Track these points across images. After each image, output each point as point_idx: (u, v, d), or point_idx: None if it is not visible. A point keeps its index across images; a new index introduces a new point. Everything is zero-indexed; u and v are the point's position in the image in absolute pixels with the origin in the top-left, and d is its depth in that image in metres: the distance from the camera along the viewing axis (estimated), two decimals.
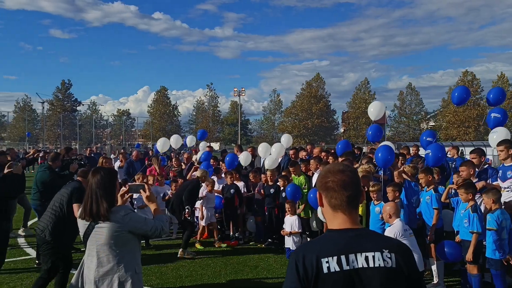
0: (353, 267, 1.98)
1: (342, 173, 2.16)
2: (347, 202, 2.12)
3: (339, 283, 1.96)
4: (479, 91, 74.27)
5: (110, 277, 3.45)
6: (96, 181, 3.53)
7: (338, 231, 2.12)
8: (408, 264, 2.05)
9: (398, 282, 2.00)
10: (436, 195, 6.78)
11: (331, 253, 2.00)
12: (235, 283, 7.14)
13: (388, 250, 2.04)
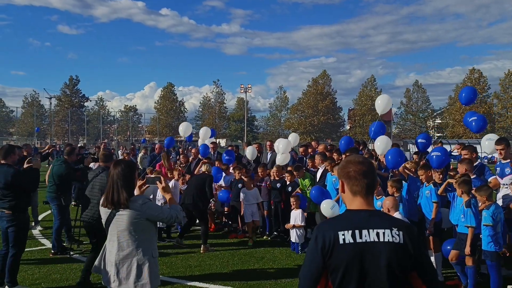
0: (365, 241, 2.31)
1: (362, 164, 2.51)
2: (366, 188, 2.47)
3: (352, 253, 2.29)
4: (486, 88, 74.15)
5: (129, 260, 3.78)
6: (117, 173, 3.86)
7: (354, 211, 2.46)
8: (414, 243, 2.36)
9: (403, 256, 2.32)
10: (435, 189, 7.07)
11: (347, 227, 2.34)
12: (242, 272, 7.47)
13: (397, 229, 2.36)
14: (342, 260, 2.29)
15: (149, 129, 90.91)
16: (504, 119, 72.02)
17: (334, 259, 2.30)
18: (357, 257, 2.29)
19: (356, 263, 2.29)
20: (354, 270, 2.29)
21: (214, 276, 7.25)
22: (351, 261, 2.29)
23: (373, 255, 2.30)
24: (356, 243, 2.31)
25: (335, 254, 2.30)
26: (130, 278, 3.75)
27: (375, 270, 2.29)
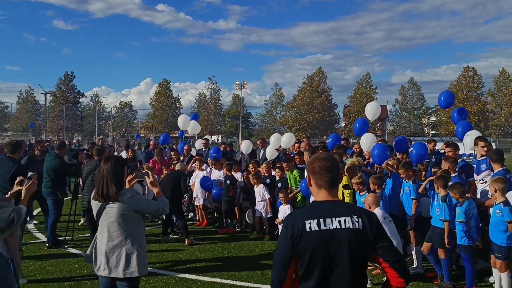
0: (329, 228, 2.60)
1: (326, 160, 2.80)
2: (329, 182, 2.75)
3: (317, 239, 2.58)
4: (480, 86, 74.58)
5: (119, 249, 4.04)
6: (107, 168, 4.11)
7: (320, 202, 2.76)
8: (373, 227, 2.64)
9: (363, 240, 2.60)
10: (414, 186, 7.35)
11: (313, 217, 2.63)
12: (231, 265, 7.73)
13: (356, 216, 2.65)
14: (308, 246, 2.58)
15: (144, 125, 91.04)
16: (498, 117, 72.50)
17: (302, 245, 2.59)
18: (322, 243, 2.58)
19: (321, 248, 2.58)
20: (319, 255, 2.58)
21: (203, 269, 7.52)
22: (316, 247, 2.58)
23: (336, 240, 2.58)
24: (321, 231, 2.59)
25: (303, 240, 2.59)
26: (119, 266, 4.01)
27: (338, 254, 2.58)
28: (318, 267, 2.58)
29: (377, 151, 8.67)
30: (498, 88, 73.73)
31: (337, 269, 2.58)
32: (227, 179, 10.52)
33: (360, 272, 2.63)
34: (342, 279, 2.57)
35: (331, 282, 2.58)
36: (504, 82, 73.38)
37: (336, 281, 2.57)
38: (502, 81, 73.56)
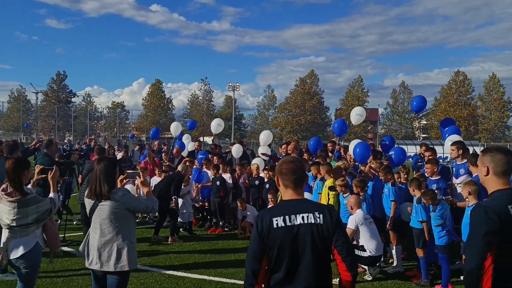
0: (294, 224, 2.88)
1: (292, 163, 3.09)
2: (294, 182, 3.03)
3: (283, 234, 2.86)
4: (470, 91, 75.33)
5: (110, 245, 4.28)
6: (100, 168, 4.36)
7: (287, 201, 3.04)
8: (333, 222, 2.92)
9: (323, 234, 2.88)
10: (393, 188, 7.66)
11: (279, 214, 2.92)
12: (218, 263, 7.99)
13: (318, 212, 2.93)
14: (276, 240, 2.86)
15: (136, 126, 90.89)
16: (487, 121, 73.21)
17: (270, 240, 2.87)
18: (288, 238, 2.85)
19: (287, 242, 2.85)
20: (286, 248, 2.85)
21: (192, 266, 7.77)
22: (283, 241, 2.85)
23: (300, 235, 2.86)
24: (286, 226, 2.87)
25: (271, 236, 2.87)
26: (110, 261, 4.25)
27: (302, 247, 2.86)
28: (286, 260, 2.86)
29: (359, 149, 9.03)
30: (488, 92, 74.50)
31: (303, 261, 2.86)
32: (217, 180, 10.78)
33: (323, 263, 2.90)
34: (307, 270, 2.84)
35: (298, 272, 2.85)
36: (494, 87, 74.16)
37: (302, 272, 2.85)
38: (492, 86, 74.34)
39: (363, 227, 6.91)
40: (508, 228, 2.83)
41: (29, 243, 4.43)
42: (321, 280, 2.91)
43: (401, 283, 7.04)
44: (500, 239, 2.81)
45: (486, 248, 2.80)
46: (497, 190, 3.04)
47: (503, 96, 73.36)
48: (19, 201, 4.35)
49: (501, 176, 3.06)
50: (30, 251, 4.43)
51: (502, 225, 2.82)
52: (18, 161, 4.61)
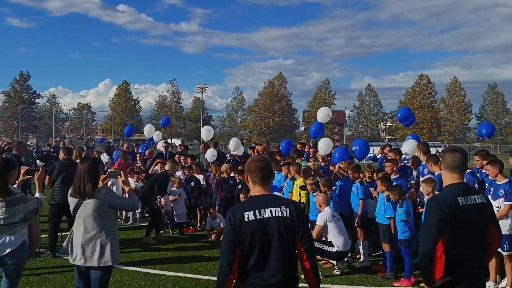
0: (263, 217, 3.18)
1: (259, 162, 3.41)
2: (262, 179, 3.34)
3: (253, 227, 3.15)
4: (433, 94, 77.53)
5: (94, 241, 4.48)
6: (83, 168, 4.55)
7: (256, 196, 3.34)
8: (298, 215, 3.23)
9: (290, 226, 3.18)
10: (361, 187, 8.06)
11: (250, 209, 3.21)
12: (194, 261, 8.21)
13: (285, 206, 3.24)
14: (247, 232, 3.15)
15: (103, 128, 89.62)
16: (449, 123, 75.53)
17: (242, 232, 3.16)
18: (258, 229, 3.15)
19: (257, 234, 3.15)
20: (256, 239, 3.14)
21: (167, 264, 7.96)
22: (253, 233, 3.15)
23: (269, 227, 3.16)
24: (256, 219, 3.17)
25: (242, 228, 3.16)
26: (94, 256, 4.45)
27: (270, 238, 3.15)
28: (256, 250, 3.15)
29: (337, 154, 9.48)
30: (450, 95, 76.94)
31: (271, 251, 3.15)
32: (192, 180, 10.99)
33: (290, 253, 3.20)
34: (276, 259, 3.14)
35: (267, 261, 3.15)
36: (455, 90, 76.68)
37: (271, 261, 3.14)
38: (453, 89, 76.83)
39: (331, 224, 7.26)
40: (457, 215, 3.26)
41: (17, 241, 4.57)
42: (288, 268, 3.19)
43: (368, 277, 7.43)
44: (451, 225, 3.20)
45: (438, 234, 3.21)
46: (450, 184, 3.46)
47: (464, 99, 75.98)
48: (7, 200, 4.48)
49: (453, 172, 3.46)
50: (18, 249, 4.56)
51: (452, 213, 3.25)
52: (4, 161, 4.73)
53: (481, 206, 3.43)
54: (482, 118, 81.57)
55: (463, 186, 3.48)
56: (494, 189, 6.68)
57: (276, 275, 3.13)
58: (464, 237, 3.30)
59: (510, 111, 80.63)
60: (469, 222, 3.31)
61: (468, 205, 3.34)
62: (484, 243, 3.46)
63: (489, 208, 3.56)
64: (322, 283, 6.94)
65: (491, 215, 3.60)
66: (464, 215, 3.29)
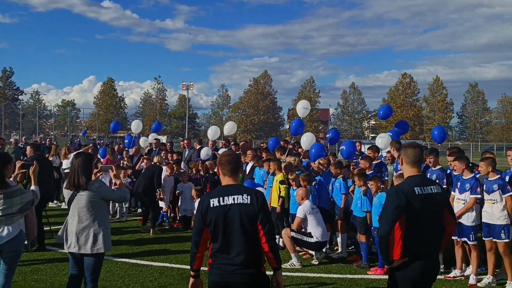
0: (226, 203, 3.61)
1: (229, 156, 3.87)
2: (231, 171, 3.77)
3: (217, 212, 3.59)
4: (416, 92, 78.66)
5: (87, 230, 4.83)
6: (78, 162, 4.90)
7: (223, 186, 3.78)
8: (259, 202, 3.63)
9: (250, 212, 3.58)
10: (344, 183, 8.51)
11: (216, 196, 3.67)
12: (179, 253, 8.57)
13: (246, 194, 3.66)
14: (212, 217, 3.60)
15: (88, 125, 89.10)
16: (432, 122, 76.57)
17: (208, 217, 3.61)
18: (221, 214, 3.59)
19: (221, 218, 3.59)
20: (220, 223, 3.59)
21: (154, 255, 8.33)
22: (218, 217, 3.59)
23: (231, 212, 3.59)
24: (220, 205, 3.61)
25: (208, 214, 3.61)
26: (87, 244, 4.81)
27: (232, 222, 3.58)
28: (220, 233, 3.59)
29: (314, 149, 9.90)
30: (432, 94, 78.12)
31: (233, 234, 3.57)
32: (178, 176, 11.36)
33: (250, 236, 3.59)
34: (238, 241, 3.56)
35: (230, 243, 3.57)
36: (437, 89, 77.89)
37: (234, 243, 3.57)
38: (435, 88, 78.03)
39: (311, 216, 7.70)
40: (412, 203, 3.71)
41: (14, 230, 4.89)
42: (250, 250, 3.59)
43: (344, 266, 7.89)
44: (407, 212, 3.64)
45: (395, 218, 3.66)
46: (409, 176, 3.90)
47: (446, 98, 77.15)
48: (4, 192, 4.80)
49: (412, 166, 3.91)
50: (15, 237, 4.88)
51: (408, 201, 3.70)
52: (1, 156, 5.05)
53: (436, 195, 3.88)
54: (463, 116, 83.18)
55: (420, 178, 3.95)
56: (461, 183, 7.15)
57: (240, 255, 3.55)
58: (421, 222, 3.75)
59: (490, 110, 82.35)
60: (425, 209, 3.76)
61: (424, 194, 3.79)
62: (439, 227, 3.92)
63: (443, 197, 4.04)
64: (301, 272, 7.43)
65: (445, 202, 4.07)
66: (420, 203, 3.74)
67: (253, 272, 3.57)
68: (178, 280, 6.94)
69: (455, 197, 7.18)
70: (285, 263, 7.60)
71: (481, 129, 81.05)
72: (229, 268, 3.54)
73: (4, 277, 5.00)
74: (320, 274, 7.43)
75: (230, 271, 3.54)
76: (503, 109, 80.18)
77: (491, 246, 6.78)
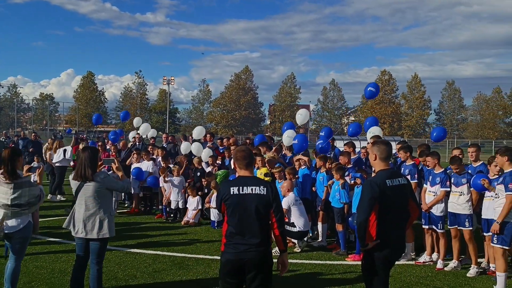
0: (245, 192, 4.17)
1: (243, 151, 4.41)
2: (246, 165, 4.35)
3: (236, 199, 4.15)
4: (395, 90, 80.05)
5: (93, 217, 5.31)
6: (85, 156, 5.37)
7: (241, 177, 4.36)
8: (273, 193, 4.22)
9: (265, 202, 4.16)
10: (327, 176, 9.09)
11: (235, 185, 4.22)
12: (170, 242, 9.11)
13: (263, 186, 4.23)
14: (232, 202, 4.17)
15: (67, 119, 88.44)
16: (410, 118, 78.20)
17: (228, 202, 4.18)
18: (240, 201, 4.16)
19: (239, 204, 4.16)
20: (237, 208, 4.16)
21: (146, 244, 8.82)
22: (236, 203, 4.16)
23: (248, 200, 4.16)
24: (239, 194, 4.18)
25: (229, 199, 4.18)
26: (94, 230, 5.29)
27: (249, 209, 4.15)
28: (237, 216, 4.16)
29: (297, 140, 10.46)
30: (410, 91, 79.63)
31: (248, 219, 4.14)
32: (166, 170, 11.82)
33: (264, 222, 4.19)
34: (252, 225, 4.13)
35: (246, 227, 4.14)
36: (416, 86, 79.41)
37: (249, 226, 4.14)
38: (414, 85, 79.55)
39: (294, 207, 8.28)
40: (384, 193, 4.30)
41: (24, 221, 5.38)
42: (263, 233, 4.17)
43: (324, 253, 8.51)
44: (380, 202, 4.24)
45: (370, 208, 4.28)
46: (381, 170, 4.49)
47: (423, 95, 78.73)
48: (15, 182, 5.25)
49: (383, 161, 4.50)
50: (25, 227, 5.37)
51: (381, 192, 4.29)
52: (12, 149, 5.51)
53: (403, 186, 4.49)
54: (441, 113, 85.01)
55: (390, 171, 4.56)
56: (432, 177, 7.81)
57: (254, 238, 4.12)
58: (391, 210, 4.35)
59: (466, 107, 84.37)
60: (394, 198, 4.36)
61: (393, 186, 4.39)
62: (405, 214, 4.55)
63: (409, 187, 4.64)
64: None
65: (410, 192, 4.68)
66: (391, 193, 4.33)
67: (263, 250, 4.16)
68: (170, 266, 7.46)
69: (427, 189, 7.85)
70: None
71: (457, 126, 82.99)
72: (243, 247, 4.12)
73: (14, 261, 5.48)
74: (302, 260, 8.04)
75: (245, 250, 4.11)
76: (478, 106, 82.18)
77: (456, 233, 7.47)
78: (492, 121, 77.81)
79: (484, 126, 77.58)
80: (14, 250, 5.48)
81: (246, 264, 4.12)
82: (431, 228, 7.81)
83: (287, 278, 6.75)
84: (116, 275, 6.95)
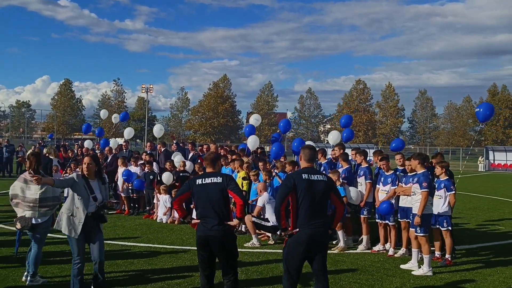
0: (206, 182, 5.51)
1: (211, 154, 5.85)
2: (210, 163, 5.70)
3: (201, 189, 5.53)
4: (369, 98, 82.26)
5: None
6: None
7: (206, 172, 5.76)
8: (227, 180, 5.49)
9: (221, 187, 5.43)
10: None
11: (200, 177, 5.68)
12: (160, 236, 10.28)
13: (219, 176, 5.54)
14: (198, 191, 5.48)
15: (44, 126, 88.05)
16: (384, 126, 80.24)
17: (194, 192, 5.59)
18: (204, 190, 5.52)
19: (203, 193, 5.51)
20: (202, 197, 5.54)
21: (139, 239, 10.00)
22: (199, 193, 5.48)
23: (209, 188, 5.49)
24: (203, 184, 5.54)
25: (194, 190, 5.56)
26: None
27: (211, 195, 5.47)
28: (201, 204, 5.47)
29: (274, 148, 11.79)
30: (384, 100, 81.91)
31: (210, 203, 5.40)
32: (151, 174, 12.98)
33: (222, 204, 5.44)
34: (215, 208, 5.40)
35: (208, 209, 5.43)
36: (390, 95, 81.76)
37: (209, 209, 5.41)
38: (388, 94, 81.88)
39: (268, 205, 9.55)
40: (299, 184, 5.23)
41: (46, 217, 6.62)
42: (224, 214, 5.43)
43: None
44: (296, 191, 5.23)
45: (283, 196, 5.23)
46: (303, 168, 5.57)
47: (397, 103, 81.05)
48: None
49: (307, 162, 5.56)
50: (46, 221, 6.64)
51: (295, 184, 5.24)
52: (37, 153, 6.69)
53: (321, 182, 5.32)
54: (414, 122, 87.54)
55: (310, 169, 5.49)
56: (384, 178, 9.17)
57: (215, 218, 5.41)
58: (307, 200, 5.21)
59: (438, 116, 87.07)
60: (310, 191, 5.22)
61: (310, 180, 5.24)
62: (323, 206, 5.35)
63: (329, 184, 5.42)
64: (260, 249, 9.25)
65: (332, 188, 5.46)
66: (306, 185, 5.22)
67: (223, 228, 5.38)
68: (162, 255, 8.62)
69: (380, 188, 9.19)
70: (247, 242, 9.45)
71: (429, 134, 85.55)
72: (208, 226, 5.36)
73: (36, 248, 6.64)
74: (275, 250, 9.27)
75: (210, 228, 5.36)
76: (449, 115, 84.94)
77: (405, 225, 8.82)
78: (462, 129, 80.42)
79: (454, 134, 79.97)
80: (36, 239, 6.63)
81: (210, 239, 5.35)
82: (384, 222, 9.14)
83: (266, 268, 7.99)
84: (116, 262, 8.07)
